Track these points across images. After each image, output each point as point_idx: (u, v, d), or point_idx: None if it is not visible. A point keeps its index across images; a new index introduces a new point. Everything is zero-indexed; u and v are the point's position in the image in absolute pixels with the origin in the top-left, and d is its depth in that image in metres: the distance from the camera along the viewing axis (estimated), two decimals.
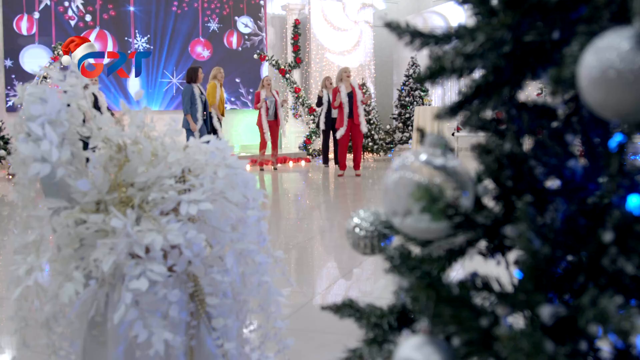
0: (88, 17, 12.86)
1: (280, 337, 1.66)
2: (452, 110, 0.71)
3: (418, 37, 0.72)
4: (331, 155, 11.49)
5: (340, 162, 10.08)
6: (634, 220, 0.59)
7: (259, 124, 10.83)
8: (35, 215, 1.51)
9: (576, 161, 0.70)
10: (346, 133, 9.75)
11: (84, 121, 1.65)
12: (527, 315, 0.64)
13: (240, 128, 14.50)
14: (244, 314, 1.62)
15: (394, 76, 16.02)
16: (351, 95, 9.69)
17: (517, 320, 0.70)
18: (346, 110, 9.63)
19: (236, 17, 14.47)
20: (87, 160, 1.63)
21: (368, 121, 13.17)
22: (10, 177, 10.00)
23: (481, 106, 0.69)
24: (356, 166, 10.11)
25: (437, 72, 0.68)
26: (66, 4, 12.64)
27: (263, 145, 10.93)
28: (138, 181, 1.53)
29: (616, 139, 0.62)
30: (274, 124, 10.87)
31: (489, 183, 0.73)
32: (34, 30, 12.25)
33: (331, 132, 10.94)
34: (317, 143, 13.36)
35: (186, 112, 9.02)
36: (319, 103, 11.07)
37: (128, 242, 1.41)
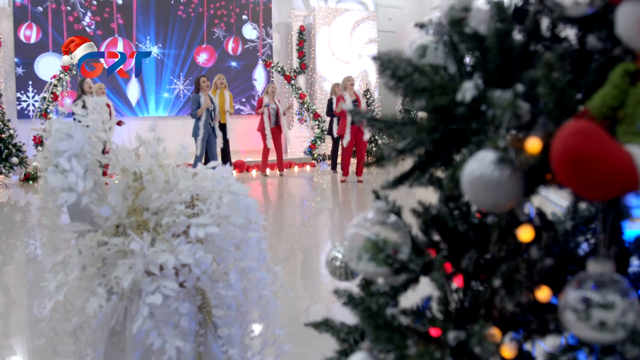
0: (98, 25, 13.19)
1: (278, 343, 1.92)
2: (394, 183, 0.97)
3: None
4: (338, 160, 11.79)
5: (344, 168, 10.42)
6: (515, 271, 0.85)
7: (260, 129, 11.17)
8: (63, 237, 1.77)
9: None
10: (351, 140, 10.13)
11: (103, 151, 1.91)
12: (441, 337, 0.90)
13: (244, 133, 14.75)
14: (246, 324, 1.88)
15: None
16: (356, 104, 10.06)
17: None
18: (349, 117, 9.95)
19: (243, 24, 14.81)
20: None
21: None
22: (22, 181, 10.29)
23: (418, 178, 0.95)
24: (358, 172, 10.49)
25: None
26: (76, 13, 12.97)
27: (266, 151, 11.26)
28: (152, 206, 1.78)
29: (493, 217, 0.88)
30: (277, 131, 11.18)
31: (422, 237, 0.99)
32: (40, 36, 12.54)
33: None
34: (322, 148, 13.65)
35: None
36: (329, 110, 11.29)
37: (144, 261, 1.68)
